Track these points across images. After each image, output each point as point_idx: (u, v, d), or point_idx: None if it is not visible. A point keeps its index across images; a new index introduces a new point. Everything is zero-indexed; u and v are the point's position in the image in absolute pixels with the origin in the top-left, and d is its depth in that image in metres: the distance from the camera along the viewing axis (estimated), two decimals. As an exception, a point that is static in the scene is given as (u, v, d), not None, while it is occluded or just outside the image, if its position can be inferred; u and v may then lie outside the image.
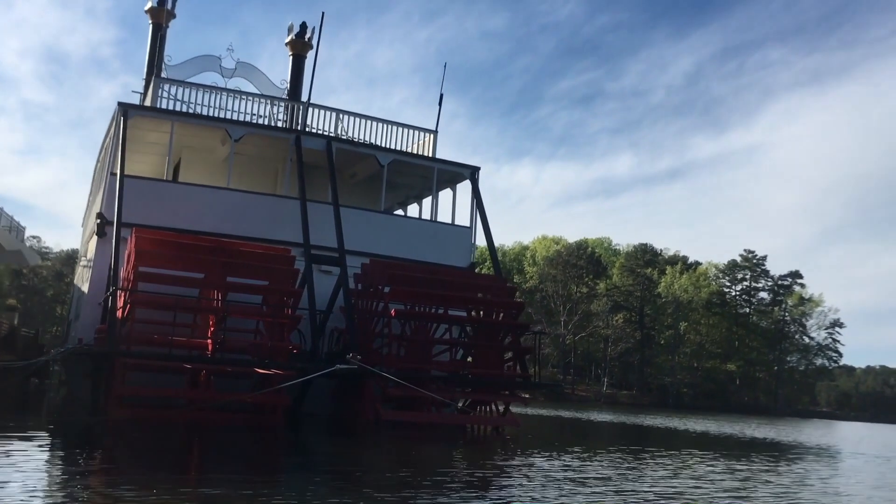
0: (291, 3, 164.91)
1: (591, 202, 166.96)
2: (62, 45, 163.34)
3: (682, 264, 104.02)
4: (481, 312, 21.48)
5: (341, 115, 25.32)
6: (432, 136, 26.15)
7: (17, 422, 15.91)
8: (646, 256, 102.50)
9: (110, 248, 19.10)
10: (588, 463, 15.24)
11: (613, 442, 23.66)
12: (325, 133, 24.69)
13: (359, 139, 24.94)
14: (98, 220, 20.87)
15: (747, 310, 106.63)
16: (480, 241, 24.95)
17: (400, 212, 29.59)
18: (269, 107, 25.09)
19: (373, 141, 25.12)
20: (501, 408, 20.95)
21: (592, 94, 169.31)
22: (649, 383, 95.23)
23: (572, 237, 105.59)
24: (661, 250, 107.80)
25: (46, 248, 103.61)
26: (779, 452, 23.02)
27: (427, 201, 27.36)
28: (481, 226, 24.21)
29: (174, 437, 15.22)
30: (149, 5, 31.75)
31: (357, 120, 25.30)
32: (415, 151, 25.87)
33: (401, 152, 25.01)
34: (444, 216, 26.02)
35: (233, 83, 27.78)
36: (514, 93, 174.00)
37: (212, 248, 18.55)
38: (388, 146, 25.14)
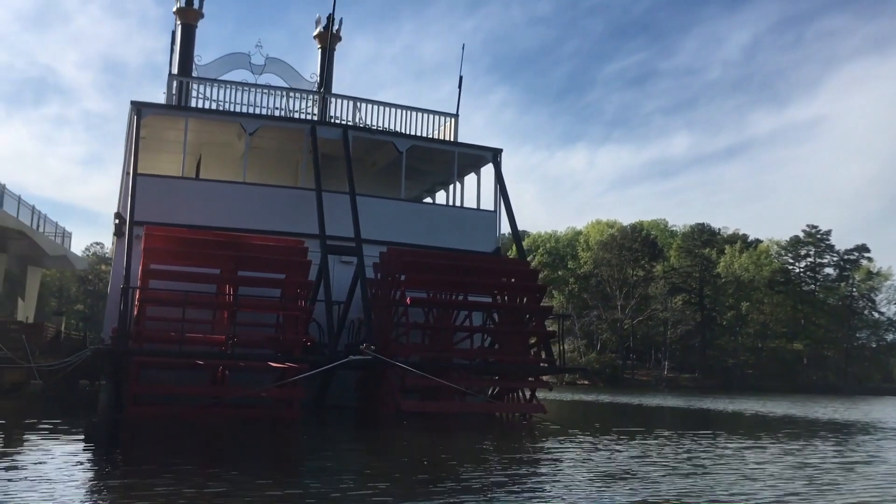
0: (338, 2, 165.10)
1: (647, 184, 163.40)
2: (119, 55, 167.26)
3: (742, 243, 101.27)
4: (505, 297, 20.91)
5: (359, 104, 24.98)
6: (453, 120, 25.60)
7: (51, 423, 15.91)
8: (703, 236, 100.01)
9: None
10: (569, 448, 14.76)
11: (606, 425, 22.82)
12: (343, 122, 24.38)
13: (378, 127, 24.56)
14: (116, 221, 21.00)
15: (813, 286, 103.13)
16: (506, 226, 24.37)
17: (428, 199, 29.15)
18: (284, 99, 24.89)
19: (394, 128, 24.71)
20: (528, 394, 20.36)
21: (645, 75, 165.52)
22: (712, 366, 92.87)
23: (628, 220, 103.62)
24: (719, 229, 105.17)
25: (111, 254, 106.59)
26: (798, 430, 22.00)
27: (453, 187, 26.85)
28: (504, 209, 23.62)
29: (187, 435, 15.09)
30: (176, 6, 31.97)
31: (376, 107, 24.93)
32: (437, 137, 25.38)
33: (419, 138, 24.53)
34: (470, 202, 25.53)
35: (263, 79, 27.72)
36: (565, 77, 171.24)
37: (222, 243, 18.41)
38: (408, 133, 24.71)
